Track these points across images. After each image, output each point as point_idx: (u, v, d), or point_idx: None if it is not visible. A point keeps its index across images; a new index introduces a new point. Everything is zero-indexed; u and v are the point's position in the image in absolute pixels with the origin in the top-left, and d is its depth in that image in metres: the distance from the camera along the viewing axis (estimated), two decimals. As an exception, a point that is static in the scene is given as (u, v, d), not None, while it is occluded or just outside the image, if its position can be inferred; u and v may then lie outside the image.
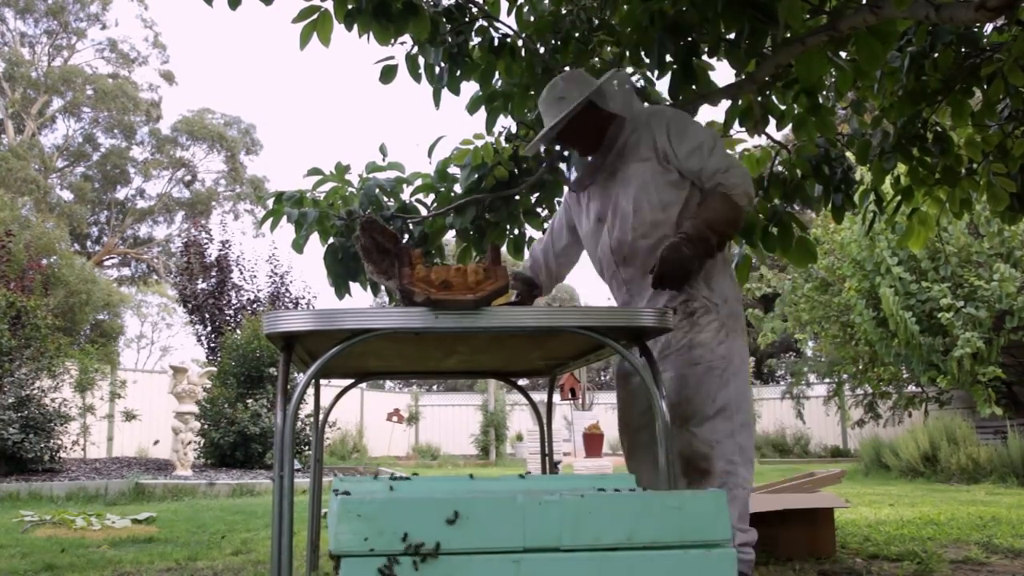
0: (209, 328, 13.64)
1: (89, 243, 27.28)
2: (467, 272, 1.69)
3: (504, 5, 3.11)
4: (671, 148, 2.28)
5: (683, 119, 2.35)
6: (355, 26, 2.65)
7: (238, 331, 11.39)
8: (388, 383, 22.68)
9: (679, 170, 2.28)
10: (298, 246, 3.06)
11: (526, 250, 3.35)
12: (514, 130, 3.23)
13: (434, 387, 23.46)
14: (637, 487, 1.68)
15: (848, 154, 3.58)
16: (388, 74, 2.93)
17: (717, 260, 2.29)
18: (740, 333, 2.29)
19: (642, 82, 3.15)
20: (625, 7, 2.92)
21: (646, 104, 2.46)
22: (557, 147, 2.94)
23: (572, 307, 1.81)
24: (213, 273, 14.05)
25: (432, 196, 3.28)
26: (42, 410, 8.10)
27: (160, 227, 28.98)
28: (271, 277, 14.50)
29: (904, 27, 2.93)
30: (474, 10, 2.97)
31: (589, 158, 2.46)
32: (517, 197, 3.22)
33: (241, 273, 14.33)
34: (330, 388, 5.93)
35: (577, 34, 2.98)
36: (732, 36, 2.69)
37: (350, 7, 2.63)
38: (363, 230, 1.76)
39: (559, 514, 1.31)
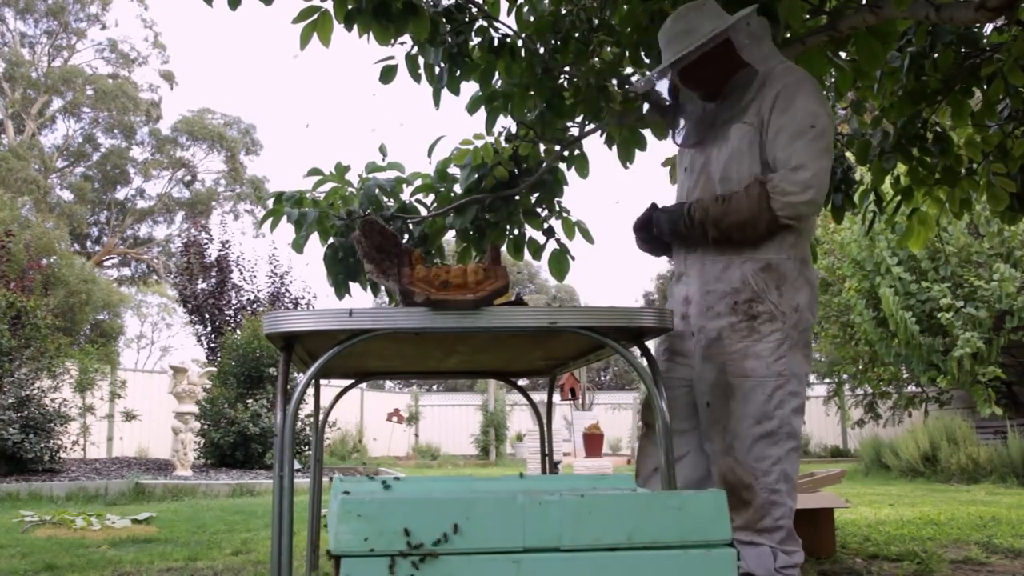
0: (209, 328, 13.64)
1: (89, 243, 27.28)
2: (467, 272, 1.69)
3: (504, 5, 3.11)
4: (768, 120, 2.03)
5: (795, 91, 2.02)
6: (355, 26, 2.65)
7: (238, 331, 11.39)
8: (388, 383, 22.68)
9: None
10: (298, 246, 3.06)
11: (526, 250, 3.35)
12: (514, 130, 3.23)
13: (434, 387, 23.46)
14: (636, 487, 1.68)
15: (848, 154, 3.58)
16: (388, 74, 2.93)
17: (795, 261, 2.05)
18: (804, 349, 2.07)
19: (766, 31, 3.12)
20: (625, 7, 2.92)
21: (781, 59, 2.14)
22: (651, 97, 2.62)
23: (572, 307, 1.80)
24: (213, 273, 14.05)
25: (432, 196, 3.28)
26: (42, 410, 8.10)
27: (160, 227, 29.01)
28: (271, 277, 14.50)
29: (904, 27, 2.93)
30: (474, 10, 2.97)
31: (703, 107, 2.21)
32: (517, 197, 3.22)
33: (241, 273, 14.33)
34: (330, 388, 5.93)
35: (577, 34, 2.98)
36: (732, 36, 2.69)
37: (350, 7, 2.63)
38: (363, 230, 1.76)
39: (559, 514, 1.31)
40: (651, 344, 2.03)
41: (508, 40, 3.01)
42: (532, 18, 3.06)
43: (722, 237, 2.03)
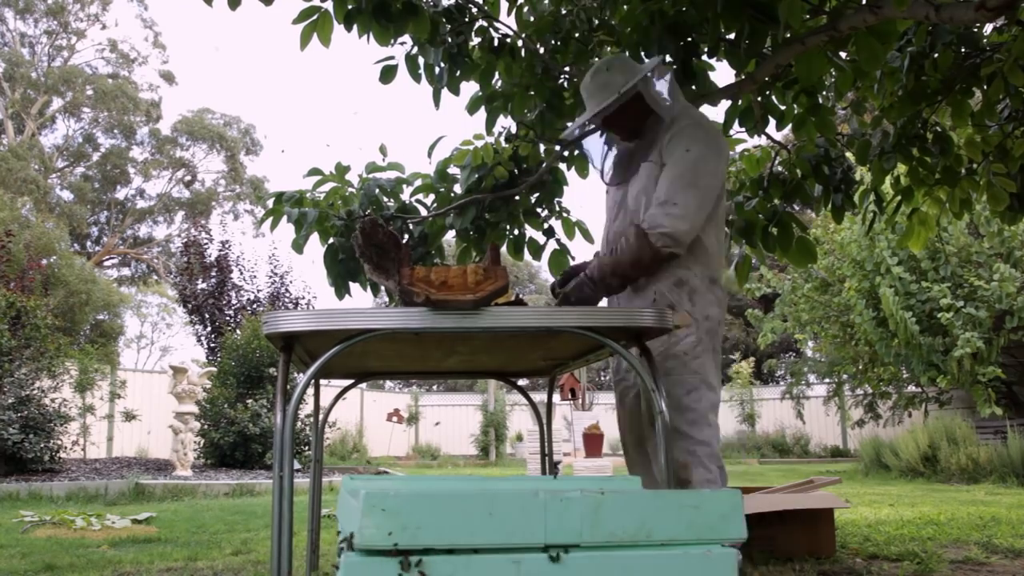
0: (209, 328, 13.64)
1: (89, 243, 27.28)
2: (467, 272, 1.70)
3: (504, 5, 3.11)
4: (662, 159, 2.30)
5: (679, 137, 2.29)
6: (355, 26, 2.65)
7: (238, 331, 11.39)
8: (388, 383, 22.69)
9: None
10: (298, 246, 3.06)
11: (526, 250, 3.35)
12: (514, 130, 3.23)
13: (434, 387, 23.46)
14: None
15: (848, 154, 3.58)
16: (388, 74, 2.93)
17: (701, 279, 2.29)
18: (714, 352, 2.31)
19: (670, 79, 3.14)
20: (625, 7, 2.92)
21: (682, 103, 2.44)
22: (563, 146, 2.94)
23: (572, 307, 1.81)
24: (213, 273, 14.05)
25: (432, 196, 3.28)
26: (42, 410, 8.10)
27: (160, 227, 29.01)
28: (271, 277, 14.50)
29: (904, 27, 2.93)
30: (474, 10, 2.97)
31: (614, 152, 2.52)
32: (517, 197, 3.22)
33: (241, 273, 14.33)
34: (330, 388, 5.93)
35: (577, 34, 2.98)
36: (732, 36, 2.69)
37: (350, 7, 2.63)
38: (362, 231, 1.76)
39: (581, 510, 1.33)
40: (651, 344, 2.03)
41: (508, 40, 3.02)
42: (532, 18, 3.06)
43: (625, 281, 2.28)
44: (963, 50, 3.09)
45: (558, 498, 1.33)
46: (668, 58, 2.73)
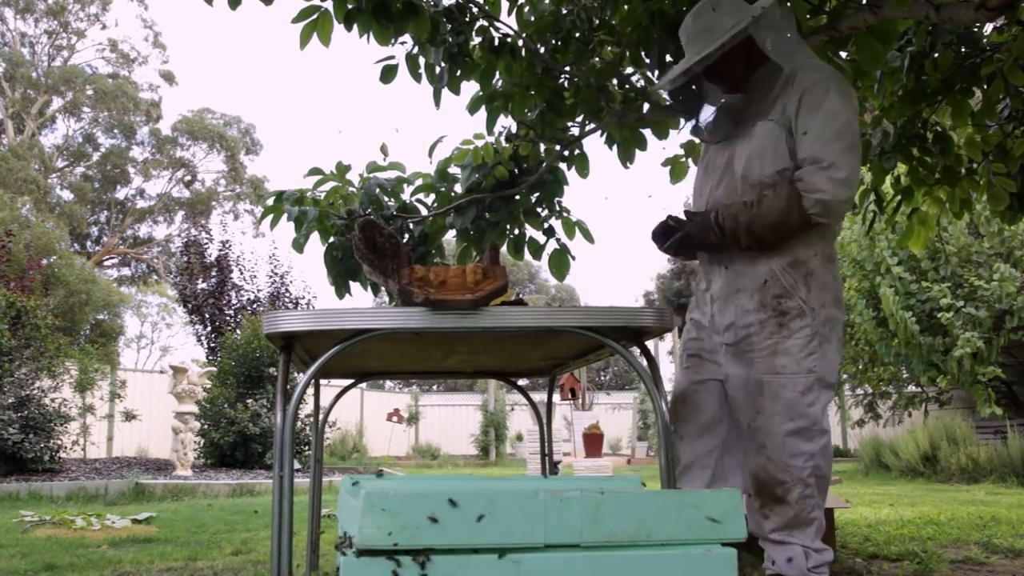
0: (209, 328, 13.64)
1: (89, 243, 27.28)
2: (466, 272, 1.70)
3: (504, 5, 3.11)
4: (795, 120, 2.00)
5: (823, 91, 1.99)
6: (355, 26, 2.65)
7: (238, 331, 11.39)
8: (388, 383, 22.69)
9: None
10: (298, 245, 3.06)
11: (526, 250, 3.35)
12: (514, 130, 3.23)
13: (434, 387, 23.45)
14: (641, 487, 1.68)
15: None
16: (388, 74, 2.93)
17: (821, 258, 2.04)
18: (835, 344, 2.05)
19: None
20: (626, 7, 2.92)
21: (808, 55, 2.13)
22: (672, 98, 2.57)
23: (572, 307, 1.80)
24: (213, 273, 14.05)
25: (432, 196, 3.28)
26: (42, 410, 8.10)
27: (160, 227, 29.01)
28: (271, 277, 14.51)
29: (904, 27, 2.93)
30: (474, 10, 2.97)
31: (722, 102, 2.20)
32: (517, 197, 3.22)
33: (241, 273, 14.33)
34: (330, 388, 5.93)
35: (577, 34, 2.98)
36: (732, 36, 2.69)
37: (350, 7, 2.63)
38: (361, 231, 1.76)
39: (580, 510, 1.33)
40: (650, 344, 2.03)
41: (508, 40, 3.01)
42: (532, 18, 3.06)
43: (754, 243, 2.01)
44: (963, 50, 3.09)
45: (558, 498, 1.33)
46: (668, 58, 2.72)
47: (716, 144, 2.23)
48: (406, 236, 3.20)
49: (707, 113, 2.27)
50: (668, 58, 2.72)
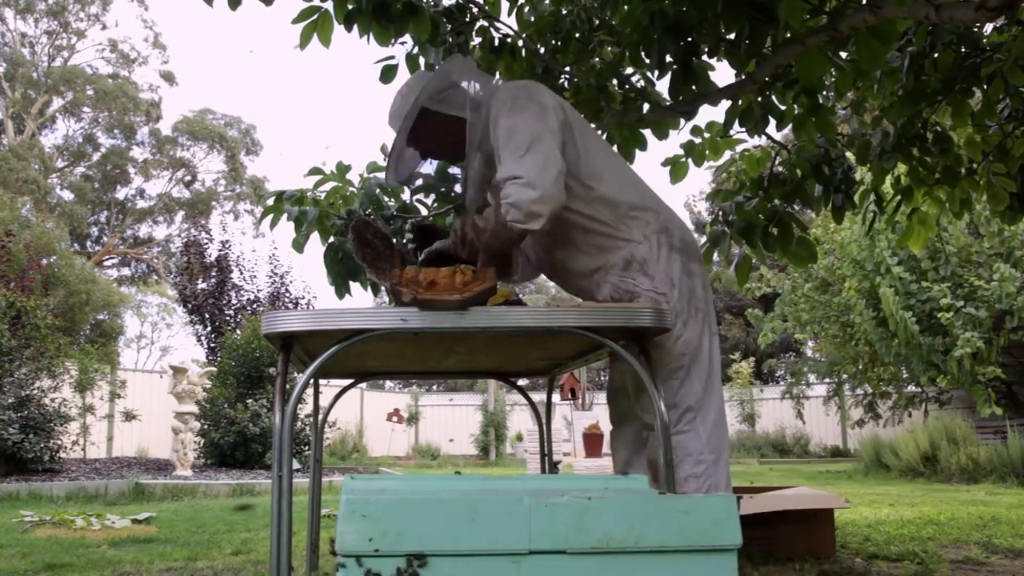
0: (209, 328, 13.64)
1: (89, 243, 27.29)
2: (455, 273, 1.70)
3: (504, 5, 3.11)
4: (492, 146, 2.04)
5: (496, 115, 2.00)
6: (355, 27, 2.65)
7: (238, 331, 11.39)
8: (388, 383, 22.69)
9: None
10: (298, 245, 3.06)
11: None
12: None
13: (434, 387, 23.46)
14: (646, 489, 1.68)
15: (848, 154, 3.58)
16: (388, 74, 2.93)
17: (649, 240, 2.02)
18: (700, 318, 2.00)
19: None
20: (625, 7, 2.92)
21: (494, 87, 2.12)
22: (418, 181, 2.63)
23: (571, 307, 1.80)
24: (213, 273, 14.05)
25: (432, 196, 3.28)
26: (42, 410, 8.10)
27: (160, 227, 29.03)
28: (271, 277, 14.51)
29: (904, 27, 2.93)
30: (474, 10, 2.97)
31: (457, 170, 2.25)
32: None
33: (241, 273, 14.34)
34: (330, 388, 5.92)
35: (577, 34, 2.98)
36: (732, 36, 2.69)
37: (350, 7, 2.63)
38: (354, 231, 1.76)
39: (566, 516, 1.30)
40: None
41: (509, 40, 3.02)
42: (533, 18, 3.06)
43: (490, 252, 1.94)
44: (963, 50, 3.09)
45: (543, 503, 1.30)
46: (668, 58, 2.72)
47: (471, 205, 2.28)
48: (406, 236, 3.20)
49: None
50: (668, 58, 2.72)
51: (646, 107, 3.01)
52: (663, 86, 2.87)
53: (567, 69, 3.04)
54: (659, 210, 2.09)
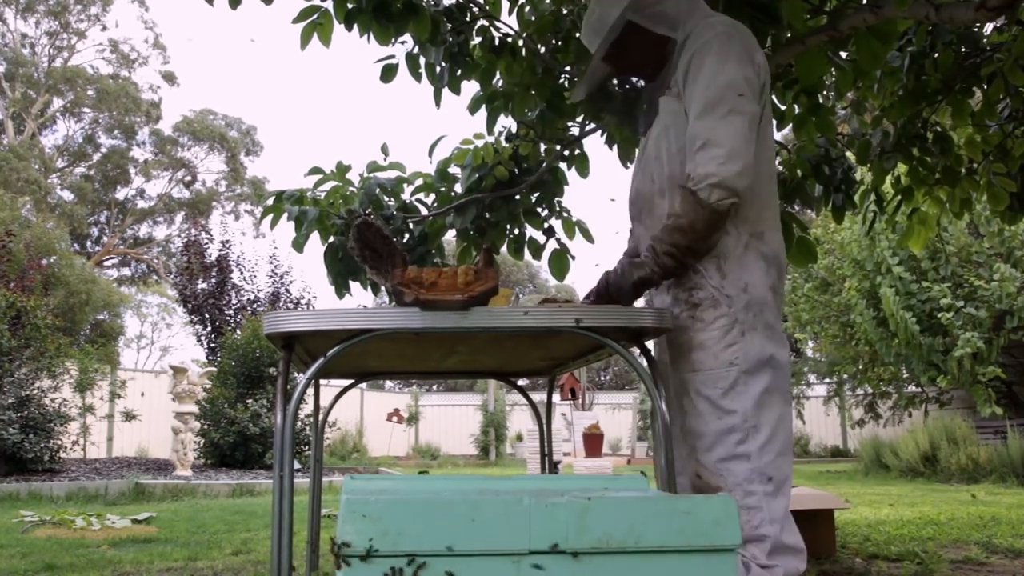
0: (209, 328, 13.65)
1: (89, 243, 27.29)
2: (457, 273, 1.70)
3: (505, 5, 3.11)
4: (683, 90, 1.84)
5: (703, 54, 1.80)
6: (355, 26, 2.65)
7: (238, 331, 11.39)
8: (388, 383, 22.69)
9: None
10: (298, 245, 3.06)
11: (526, 250, 3.35)
12: (514, 130, 3.23)
13: (434, 387, 23.46)
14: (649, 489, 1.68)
15: (848, 154, 3.58)
16: (388, 73, 2.93)
17: (738, 237, 1.82)
18: (762, 330, 1.79)
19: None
20: (625, 7, 2.91)
21: (704, 14, 1.92)
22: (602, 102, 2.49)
23: (572, 307, 1.80)
24: (213, 273, 14.05)
25: (433, 196, 3.28)
26: (42, 410, 8.10)
27: (160, 227, 29.02)
28: (271, 277, 14.51)
29: (904, 27, 2.93)
30: (475, 10, 2.97)
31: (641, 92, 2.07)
32: (517, 197, 3.22)
33: (241, 273, 14.34)
34: (330, 388, 5.92)
35: (578, 34, 2.98)
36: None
37: (350, 7, 2.63)
38: (355, 231, 1.76)
39: (566, 516, 1.30)
40: (650, 344, 2.02)
41: (509, 40, 3.01)
42: (533, 18, 3.06)
43: (683, 255, 1.79)
44: (963, 50, 3.10)
45: (543, 503, 1.29)
46: None
47: (639, 135, 2.11)
48: (406, 236, 3.20)
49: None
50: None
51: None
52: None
53: (567, 69, 3.04)
54: (766, 212, 1.89)
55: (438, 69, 2.99)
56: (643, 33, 1.94)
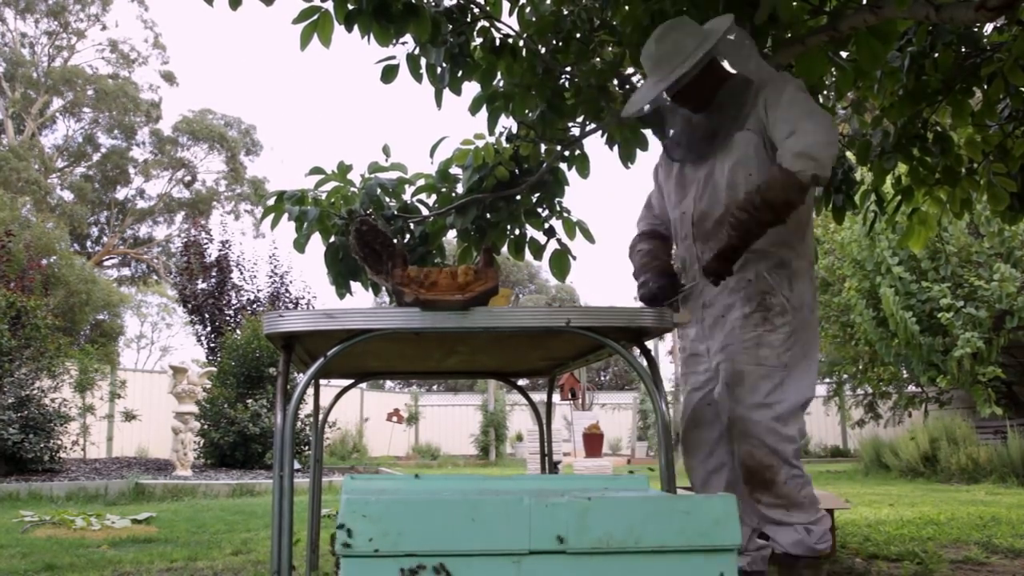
0: (209, 328, 13.64)
1: (89, 243, 27.28)
2: (457, 274, 1.71)
3: (505, 5, 3.11)
4: (766, 120, 2.10)
5: (780, 88, 2.10)
6: (355, 27, 2.65)
7: (238, 331, 11.39)
8: (388, 383, 22.69)
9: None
10: (299, 245, 3.06)
11: (527, 250, 3.34)
12: (515, 130, 3.23)
13: (434, 387, 23.45)
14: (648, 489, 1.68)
15: (848, 154, 3.58)
16: (389, 74, 2.93)
17: (803, 261, 2.18)
18: (810, 345, 2.17)
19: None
20: (626, 7, 2.91)
21: (763, 64, 2.23)
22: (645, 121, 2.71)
23: (572, 307, 1.80)
24: (213, 273, 14.05)
25: (433, 196, 3.28)
26: (42, 410, 8.10)
27: (160, 227, 29.01)
28: (271, 277, 14.50)
29: (904, 27, 2.93)
30: (475, 10, 2.97)
31: (692, 119, 2.28)
32: (518, 197, 3.22)
33: (241, 273, 14.33)
34: (330, 388, 5.92)
35: (578, 34, 2.98)
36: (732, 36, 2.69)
37: (350, 8, 2.63)
38: (355, 231, 1.76)
39: (566, 516, 1.30)
40: (650, 344, 2.03)
41: (509, 40, 3.01)
42: (534, 18, 3.06)
43: (773, 215, 1.99)
44: (963, 50, 3.10)
45: (543, 503, 1.30)
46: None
47: (692, 162, 2.30)
48: (407, 236, 3.20)
49: (674, 133, 2.37)
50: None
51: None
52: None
53: (568, 69, 3.05)
54: (811, 245, 2.28)
55: (439, 70, 2.99)
56: (716, 68, 2.19)
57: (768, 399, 2.11)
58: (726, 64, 2.23)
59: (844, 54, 2.74)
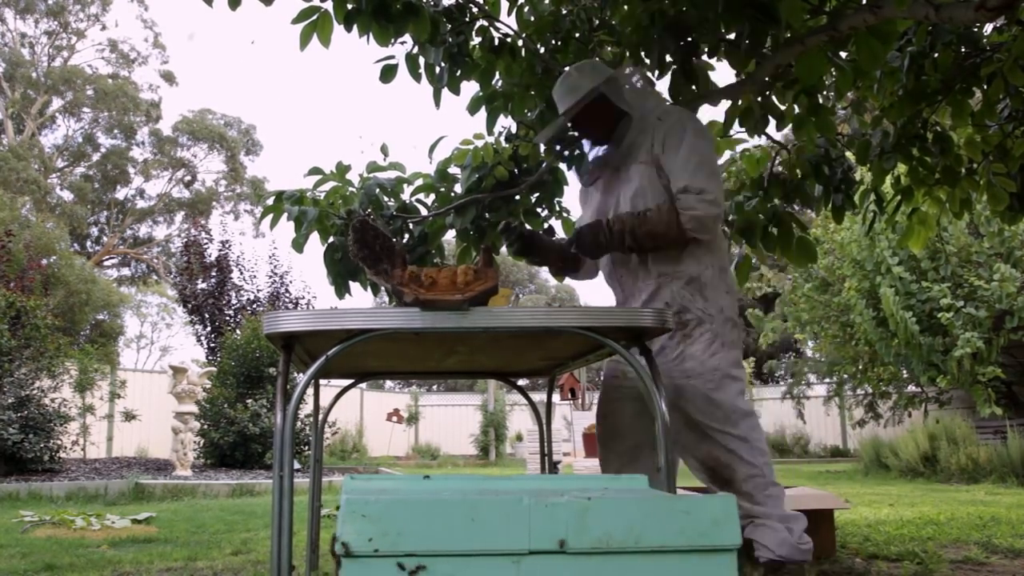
0: (209, 328, 13.64)
1: (89, 243, 27.28)
2: (457, 273, 1.70)
3: (504, 5, 3.11)
4: (662, 155, 2.34)
5: (681, 131, 2.36)
6: (355, 27, 2.65)
7: (238, 331, 11.39)
8: (388, 383, 22.70)
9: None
10: (298, 245, 3.06)
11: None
12: (514, 130, 3.23)
13: (434, 387, 23.45)
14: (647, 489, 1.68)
15: (848, 154, 3.57)
16: (388, 74, 2.93)
17: (713, 270, 2.34)
18: (734, 344, 2.34)
19: (642, 82, 3.15)
20: (625, 7, 2.92)
21: (661, 103, 2.51)
22: (558, 145, 2.96)
23: (572, 307, 1.81)
24: (213, 273, 14.05)
25: (432, 196, 3.28)
26: (42, 410, 8.10)
27: (160, 227, 29.02)
28: (271, 277, 14.50)
29: (904, 27, 2.93)
30: (474, 10, 2.97)
31: (599, 151, 2.54)
32: (517, 197, 3.22)
33: (241, 273, 14.33)
34: (330, 388, 5.92)
35: (577, 34, 2.98)
36: (732, 36, 2.69)
37: (350, 8, 2.63)
38: (354, 231, 1.76)
39: (565, 516, 1.30)
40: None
41: (508, 40, 3.01)
42: (533, 18, 3.06)
43: (636, 246, 2.30)
44: (963, 50, 3.10)
45: (543, 503, 1.29)
46: (668, 58, 2.73)
47: (592, 186, 2.59)
48: (406, 236, 3.20)
49: (588, 161, 2.64)
50: (668, 58, 2.72)
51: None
52: (663, 86, 2.87)
53: (567, 69, 3.04)
54: (724, 252, 2.47)
55: (438, 69, 2.99)
56: (606, 105, 2.43)
57: (707, 404, 2.25)
58: (627, 103, 2.44)
59: (844, 54, 2.74)
